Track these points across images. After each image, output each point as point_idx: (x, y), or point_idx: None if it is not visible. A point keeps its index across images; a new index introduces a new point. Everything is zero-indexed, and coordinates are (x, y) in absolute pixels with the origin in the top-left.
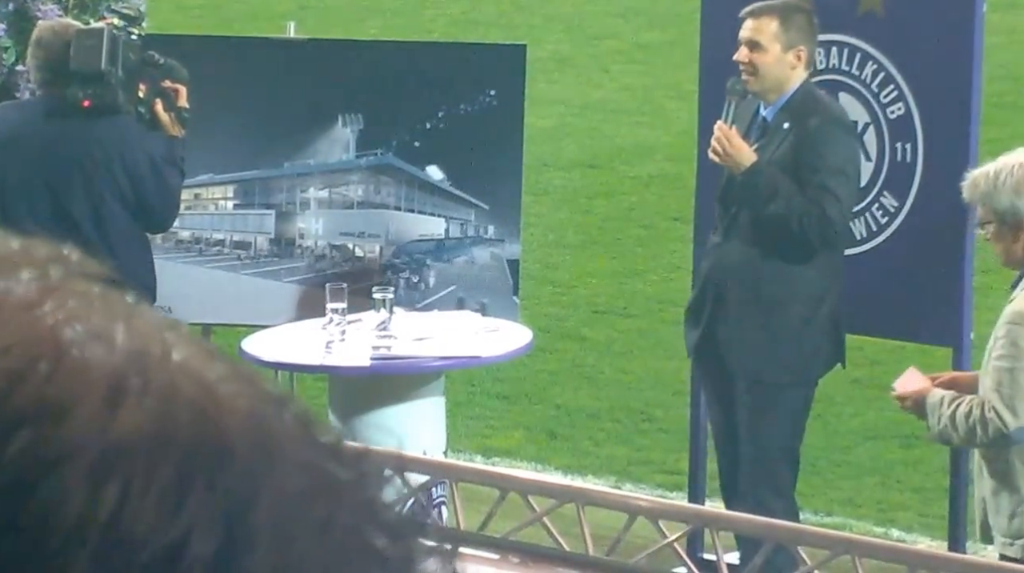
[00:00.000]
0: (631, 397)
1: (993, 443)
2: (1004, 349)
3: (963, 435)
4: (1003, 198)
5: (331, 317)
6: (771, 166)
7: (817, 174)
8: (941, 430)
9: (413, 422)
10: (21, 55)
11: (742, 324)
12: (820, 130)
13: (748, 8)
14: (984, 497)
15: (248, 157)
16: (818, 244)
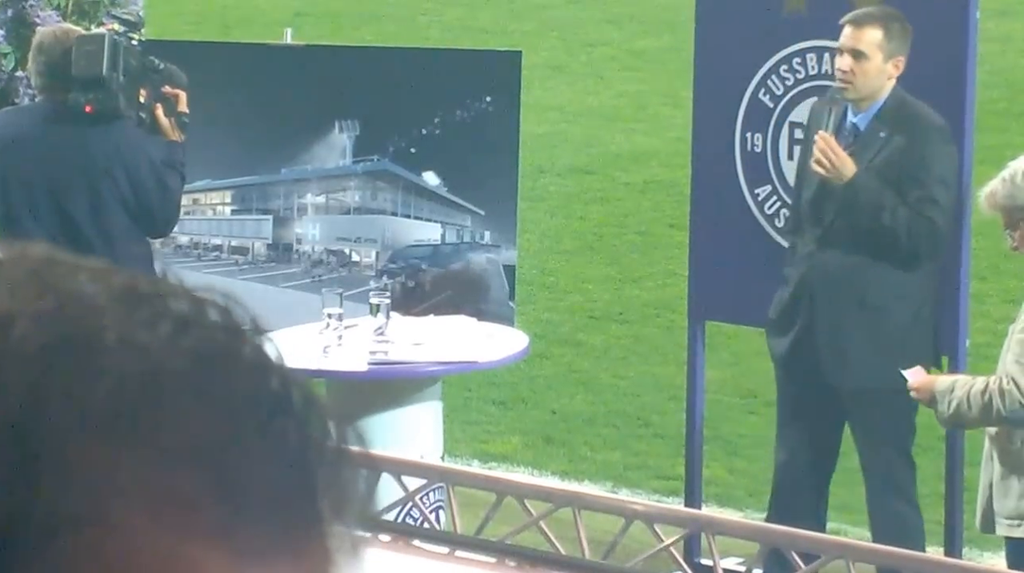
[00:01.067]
0: (627, 402)
1: (1010, 416)
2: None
3: (978, 413)
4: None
5: (328, 322)
6: (870, 176)
7: (924, 186)
8: (953, 413)
9: (410, 427)
10: (20, 61)
11: (845, 332)
12: (923, 140)
13: (851, 15)
14: (991, 483)
15: (246, 163)
16: (925, 253)
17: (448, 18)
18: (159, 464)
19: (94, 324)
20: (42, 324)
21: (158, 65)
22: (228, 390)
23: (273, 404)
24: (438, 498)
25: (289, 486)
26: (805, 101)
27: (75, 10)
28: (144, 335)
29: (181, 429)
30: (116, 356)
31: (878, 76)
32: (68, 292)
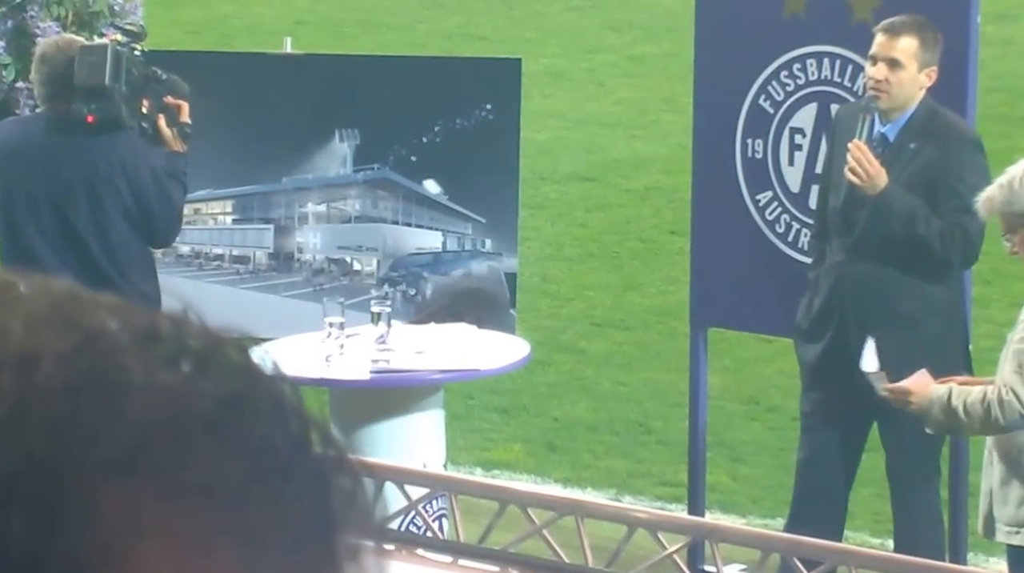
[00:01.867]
0: (630, 409)
1: (1009, 426)
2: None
3: (975, 421)
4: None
5: (329, 331)
6: (900, 186)
7: (958, 196)
8: (948, 421)
9: (412, 435)
10: (21, 72)
11: (880, 341)
12: (956, 151)
13: (887, 23)
14: (991, 488)
15: (246, 172)
16: (960, 263)
17: (447, 26)
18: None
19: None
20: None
21: (160, 75)
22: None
23: (292, 446)
24: (441, 506)
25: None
26: (806, 106)
27: (75, 21)
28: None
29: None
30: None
31: (912, 86)
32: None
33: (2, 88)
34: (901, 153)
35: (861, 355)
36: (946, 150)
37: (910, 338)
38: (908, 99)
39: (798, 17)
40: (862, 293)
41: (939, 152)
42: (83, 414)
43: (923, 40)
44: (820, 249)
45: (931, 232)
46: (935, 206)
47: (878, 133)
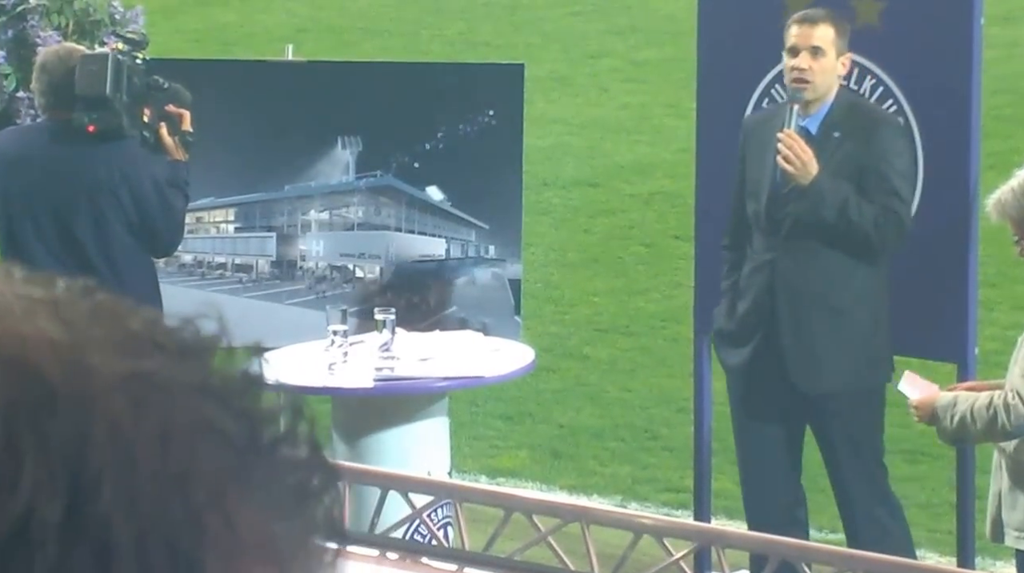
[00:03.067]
0: (635, 415)
1: (1016, 432)
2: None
3: (982, 428)
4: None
5: (333, 339)
6: (830, 176)
7: (887, 180)
8: (956, 428)
9: (417, 443)
10: (22, 82)
11: (812, 337)
12: (881, 136)
13: (802, 14)
14: (999, 492)
15: (248, 180)
16: (893, 247)
17: (450, 32)
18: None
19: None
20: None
21: (162, 84)
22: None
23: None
24: (446, 514)
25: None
26: None
27: (76, 30)
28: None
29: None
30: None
31: (831, 74)
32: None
33: (3, 98)
34: (826, 144)
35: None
36: (870, 136)
37: (841, 331)
38: (828, 88)
39: None
40: (794, 288)
41: (864, 139)
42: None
43: (838, 28)
44: (733, 259)
45: (864, 218)
46: (865, 193)
47: (799, 127)
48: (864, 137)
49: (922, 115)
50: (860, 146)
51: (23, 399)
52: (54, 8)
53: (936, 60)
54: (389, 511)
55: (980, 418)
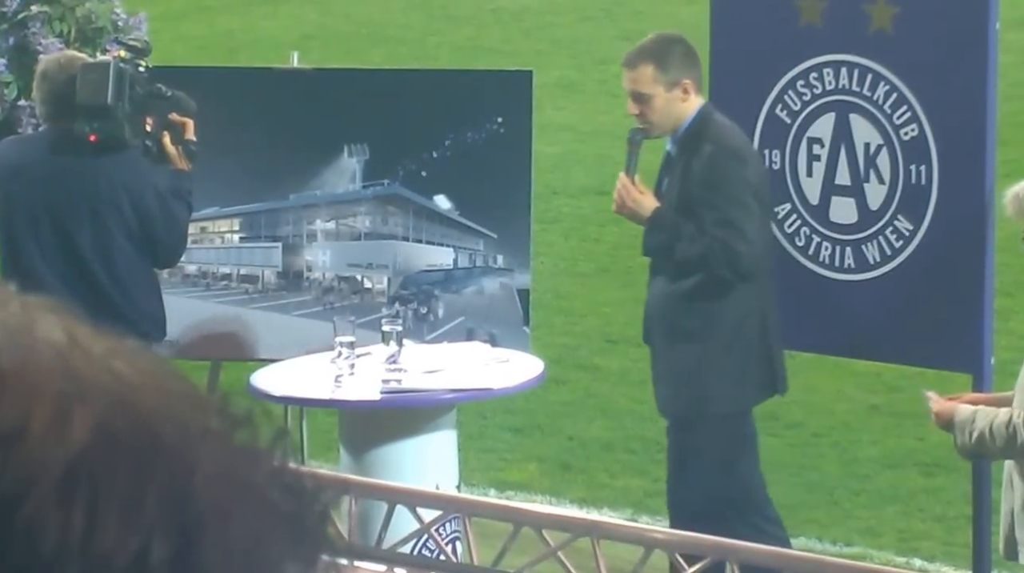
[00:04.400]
0: (646, 427)
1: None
2: None
3: (1002, 444)
4: None
5: (340, 350)
6: (669, 210)
7: (715, 210)
8: (975, 444)
9: (425, 456)
10: (23, 90)
11: (665, 362)
12: (708, 162)
13: (624, 57)
14: (1012, 509)
15: (254, 189)
16: (733, 276)
17: (458, 38)
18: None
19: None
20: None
21: (165, 92)
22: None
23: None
24: (455, 529)
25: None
26: (823, 116)
27: (78, 37)
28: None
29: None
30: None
31: (667, 108)
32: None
33: (4, 106)
34: (675, 166)
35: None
36: (702, 163)
37: (690, 357)
38: (676, 117)
39: (814, 26)
40: (655, 315)
41: (697, 165)
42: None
43: (660, 62)
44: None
45: (693, 253)
46: (700, 220)
47: (666, 150)
48: (698, 163)
49: (937, 122)
50: (694, 172)
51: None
52: (56, 15)
53: (951, 65)
54: (397, 526)
55: (999, 436)
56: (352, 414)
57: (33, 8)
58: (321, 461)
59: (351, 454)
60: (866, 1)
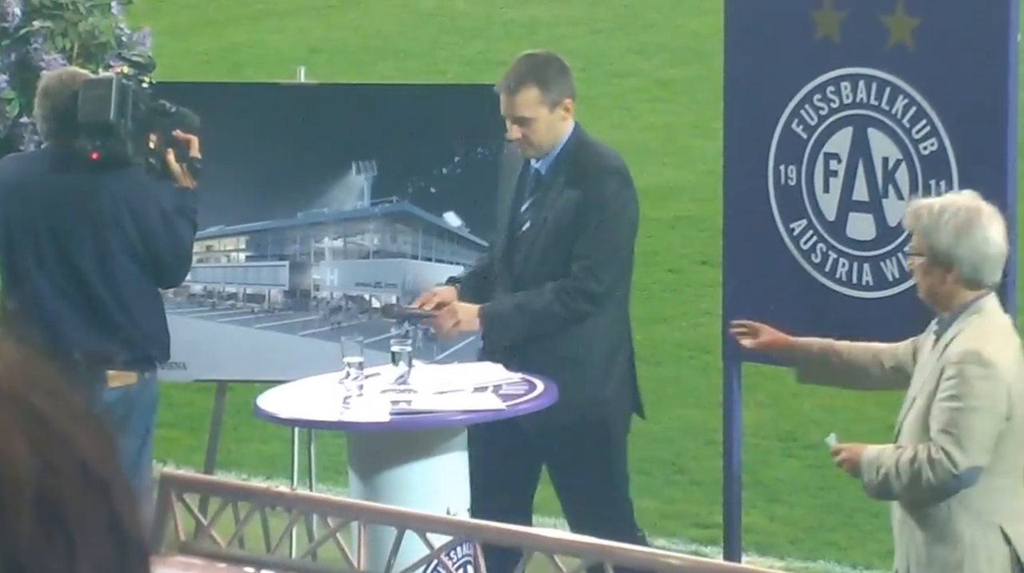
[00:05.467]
0: (661, 448)
1: (940, 486)
2: (955, 389)
3: (907, 482)
4: (943, 238)
5: (348, 371)
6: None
7: (587, 257)
8: (880, 482)
9: (435, 479)
10: (25, 107)
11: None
12: (597, 184)
13: (504, 82)
14: (913, 551)
15: (260, 207)
16: (597, 300)
17: (468, 52)
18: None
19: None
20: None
21: (169, 108)
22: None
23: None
24: (466, 553)
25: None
26: (841, 131)
27: (81, 53)
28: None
29: None
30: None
31: (550, 129)
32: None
33: (6, 123)
34: (552, 188)
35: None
36: (585, 181)
37: (575, 377)
38: (556, 138)
39: (831, 39)
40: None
41: (582, 185)
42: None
43: (543, 84)
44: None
45: (549, 306)
46: (578, 235)
47: (534, 170)
48: (582, 184)
49: (957, 136)
50: (578, 193)
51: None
52: (58, 31)
53: (971, 79)
54: (406, 551)
55: (905, 473)
56: (361, 436)
57: (35, 23)
58: (330, 484)
59: (360, 477)
60: (884, 13)
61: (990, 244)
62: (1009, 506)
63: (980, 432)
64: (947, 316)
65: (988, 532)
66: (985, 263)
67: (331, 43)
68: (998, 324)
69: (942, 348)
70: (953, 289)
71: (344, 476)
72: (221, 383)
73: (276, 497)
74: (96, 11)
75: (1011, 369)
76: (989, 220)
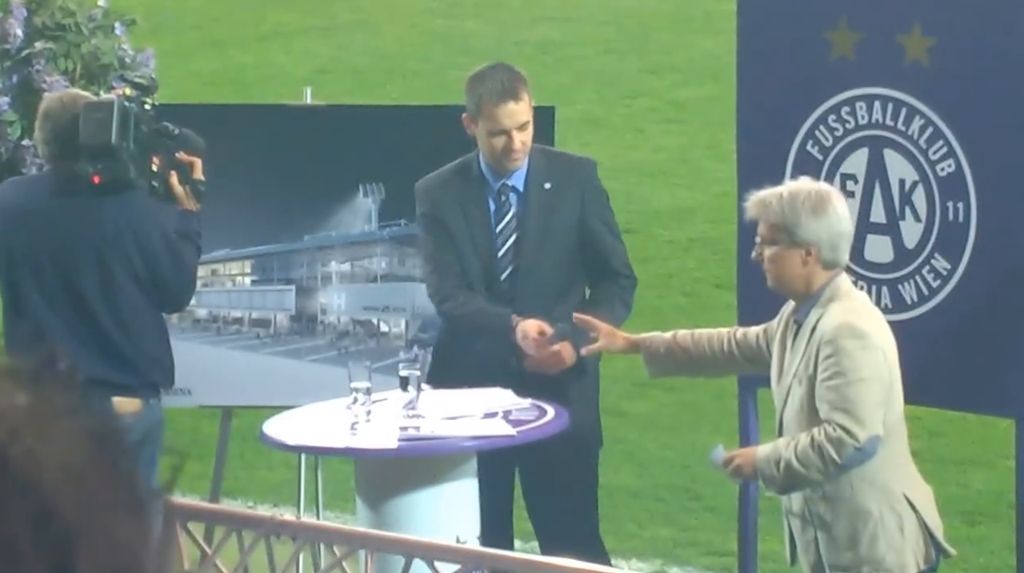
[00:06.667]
0: (676, 474)
1: (846, 463)
2: (837, 365)
3: (812, 468)
4: (801, 220)
5: (355, 397)
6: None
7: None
8: (784, 476)
9: (445, 506)
10: (27, 129)
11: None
12: (591, 181)
13: (502, 93)
14: (824, 537)
15: (266, 230)
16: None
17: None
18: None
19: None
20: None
21: (172, 130)
22: None
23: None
24: None
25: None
26: (856, 152)
27: (84, 74)
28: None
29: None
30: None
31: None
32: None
33: (8, 146)
34: (540, 196)
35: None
36: (581, 183)
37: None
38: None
39: (846, 58)
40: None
41: (577, 186)
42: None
43: (528, 91)
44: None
45: (618, 313)
46: (593, 235)
47: (503, 185)
48: (577, 184)
49: (974, 157)
50: (577, 194)
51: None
52: (61, 52)
53: (988, 98)
54: None
55: (808, 459)
56: (369, 463)
57: (37, 45)
58: (337, 511)
59: (368, 504)
60: (901, 33)
61: (843, 222)
62: (905, 472)
63: (870, 402)
64: (804, 303)
65: (894, 502)
66: (842, 241)
67: (338, 64)
68: (858, 298)
69: (808, 333)
70: (811, 271)
71: (352, 503)
72: (226, 409)
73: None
74: (99, 32)
75: (884, 338)
76: (837, 199)
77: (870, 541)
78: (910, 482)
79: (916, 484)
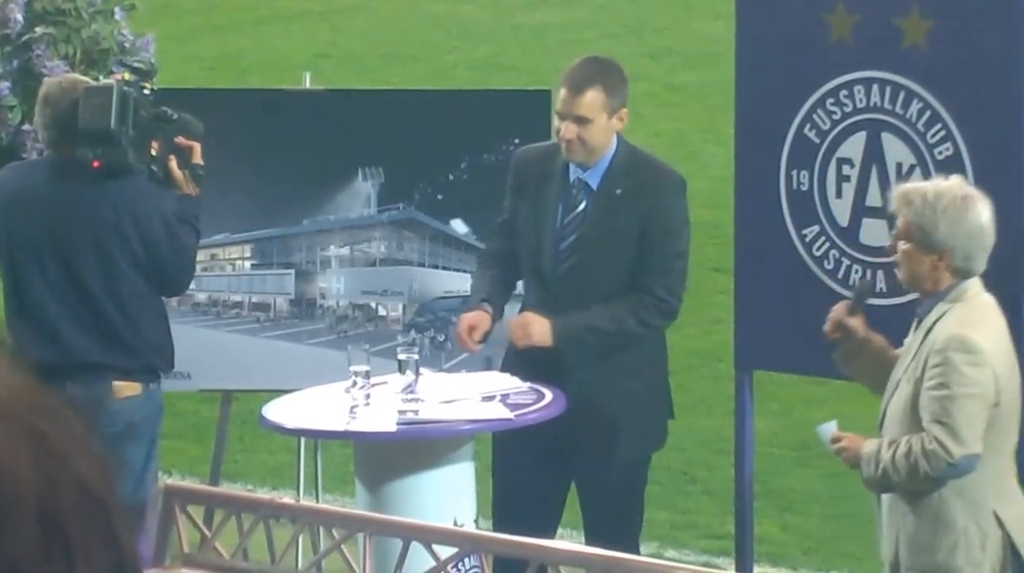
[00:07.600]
0: (672, 458)
1: (938, 477)
2: (942, 376)
3: (904, 476)
4: (939, 225)
5: (354, 380)
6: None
7: (673, 242)
8: (880, 477)
9: (442, 489)
10: (27, 114)
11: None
12: (663, 195)
13: (571, 78)
14: (904, 538)
15: (265, 215)
16: (670, 316)
17: (476, 56)
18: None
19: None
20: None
21: (171, 115)
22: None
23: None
24: (473, 564)
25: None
26: (854, 135)
27: (83, 59)
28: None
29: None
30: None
31: (603, 135)
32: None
33: (8, 131)
34: (609, 200)
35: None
36: (653, 195)
37: (623, 386)
38: (603, 146)
39: (844, 42)
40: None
41: (647, 197)
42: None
43: (608, 88)
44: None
45: (623, 324)
46: (647, 250)
47: (577, 179)
48: (647, 195)
49: (972, 140)
50: (644, 204)
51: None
52: (61, 37)
53: (987, 82)
54: (412, 563)
55: (902, 467)
56: (367, 446)
57: (37, 30)
58: (336, 494)
59: (367, 487)
60: (898, 16)
61: (983, 233)
62: (1000, 489)
63: (972, 419)
64: (929, 299)
65: (981, 516)
66: (978, 251)
67: (337, 48)
68: (982, 306)
69: (924, 331)
70: (940, 276)
71: (351, 486)
72: (226, 393)
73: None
74: (99, 17)
75: (997, 353)
76: (983, 208)
77: (949, 551)
78: (1005, 499)
79: (1012, 502)
